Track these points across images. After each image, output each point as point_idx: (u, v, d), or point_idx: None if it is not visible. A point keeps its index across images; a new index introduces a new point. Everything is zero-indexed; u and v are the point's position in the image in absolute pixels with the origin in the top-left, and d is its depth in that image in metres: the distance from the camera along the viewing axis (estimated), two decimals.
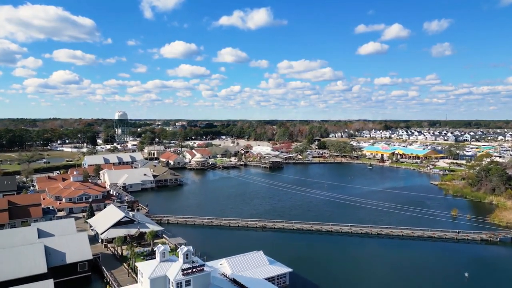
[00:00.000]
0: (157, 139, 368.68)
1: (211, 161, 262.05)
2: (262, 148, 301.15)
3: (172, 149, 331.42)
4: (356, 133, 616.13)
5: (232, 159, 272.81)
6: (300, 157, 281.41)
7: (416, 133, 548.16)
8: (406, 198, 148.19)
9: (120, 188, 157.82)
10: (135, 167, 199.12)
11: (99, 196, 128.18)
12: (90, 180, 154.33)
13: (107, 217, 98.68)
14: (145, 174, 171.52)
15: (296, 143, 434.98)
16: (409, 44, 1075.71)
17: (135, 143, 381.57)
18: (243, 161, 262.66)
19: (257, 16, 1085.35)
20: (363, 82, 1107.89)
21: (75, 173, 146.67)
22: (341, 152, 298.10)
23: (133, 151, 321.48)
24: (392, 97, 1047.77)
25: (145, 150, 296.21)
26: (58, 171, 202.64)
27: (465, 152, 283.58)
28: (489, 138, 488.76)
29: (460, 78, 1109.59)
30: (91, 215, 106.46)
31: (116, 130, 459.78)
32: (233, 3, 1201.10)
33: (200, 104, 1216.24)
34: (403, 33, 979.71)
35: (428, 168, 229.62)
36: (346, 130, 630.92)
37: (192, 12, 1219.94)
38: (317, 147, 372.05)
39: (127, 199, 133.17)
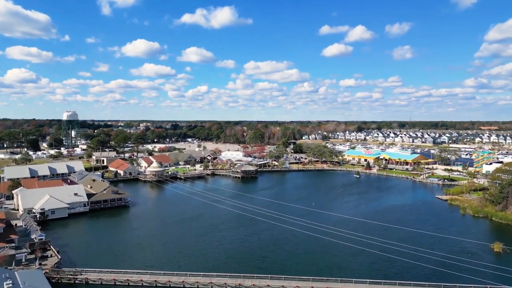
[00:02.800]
0: (111, 143, 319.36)
1: (171, 170, 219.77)
2: (232, 154, 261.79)
3: (128, 155, 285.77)
4: (330, 134, 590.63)
5: (198, 166, 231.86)
6: (276, 163, 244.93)
7: (392, 134, 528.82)
8: (420, 223, 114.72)
9: (36, 216, 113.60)
10: (71, 181, 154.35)
11: None
12: None
13: None
14: (76, 194, 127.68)
15: (269, 146, 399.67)
16: (373, 47, 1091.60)
17: (86, 147, 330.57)
18: (210, 169, 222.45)
19: (221, 15, 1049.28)
20: (329, 83, 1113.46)
21: None
22: (321, 157, 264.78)
23: (80, 158, 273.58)
24: (357, 98, 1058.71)
25: (93, 157, 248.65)
26: None
27: (461, 156, 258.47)
28: (466, 140, 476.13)
29: (420, 81, 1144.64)
30: None
31: (67, 132, 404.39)
32: (196, 1, 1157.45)
33: (166, 105, 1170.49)
34: (367, 35, 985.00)
35: (424, 176, 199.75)
36: (320, 131, 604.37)
37: (153, 9, 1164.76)
38: (292, 151, 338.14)
39: (35, 238, 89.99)
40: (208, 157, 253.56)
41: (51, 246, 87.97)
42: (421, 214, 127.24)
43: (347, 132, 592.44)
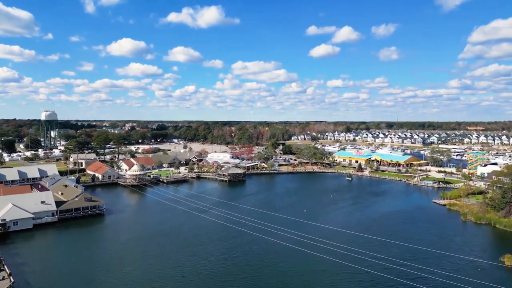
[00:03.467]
0: (92, 144, 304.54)
1: (154, 173, 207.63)
2: (219, 156, 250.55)
3: (109, 157, 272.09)
4: (319, 135, 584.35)
5: (183, 169, 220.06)
6: (265, 166, 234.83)
7: (381, 135, 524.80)
8: (420, 233, 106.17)
9: None
10: (42, 187, 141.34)
11: None
12: None
13: None
14: (43, 202, 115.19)
15: (257, 146, 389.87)
16: (359, 47, 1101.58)
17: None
18: (195, 172, 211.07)
19: (208, 14, 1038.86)
20: (317, 84, 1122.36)
21: None
22: (311, 158, 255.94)
23: (57, 160, 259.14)
24: (345, 99, 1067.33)
25: (71, 159, 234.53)
26: None
27: (453, 157, 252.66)
28: (455, 140, 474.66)
29: (406, 81, 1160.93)
30: None
31: (46, 133, 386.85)
32: (182, 0, 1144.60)
33: (154, 105, 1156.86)
34: (353, 35, 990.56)
35: (418, 179, 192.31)
36: (309, 132, 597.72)
37: (138, 8, 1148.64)
38: (281, 152, 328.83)
39: None
40: (194, 159, 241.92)
41: (5, 266, 75.96)
42: (419, 221, 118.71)
43: (336, 132, 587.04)
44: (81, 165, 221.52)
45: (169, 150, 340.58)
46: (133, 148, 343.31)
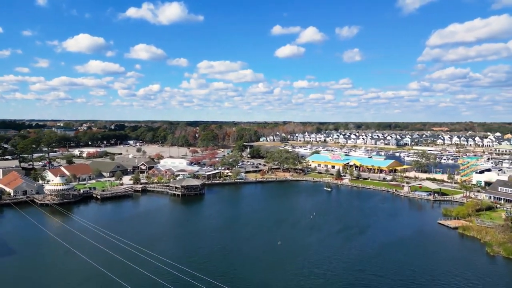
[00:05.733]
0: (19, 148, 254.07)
1: (89, 185, 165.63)
2: (174, 162, 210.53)
3: (41, 164, 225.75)
4: (289, 136, 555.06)
5: (128, 178, 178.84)
6: (230, 173, 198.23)
7: (353, 136, 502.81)
8: (442, 281, 74.06)
9: None
10: None
11: None
12: None
13: None
14: None
15: (223, 149, 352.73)
16: (324, 49, 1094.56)
17: None
18: (142, 183, 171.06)
19: (170, 10, 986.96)
20: (283, 85, 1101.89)
21: None
22: (283, 164, 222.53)
23: None
24: (311, 100, 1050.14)
25: None
26: None
27: (442, 161, 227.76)
28: (428, 141, 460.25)
29: (369, 83, 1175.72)
30: None
31: None
32: None
33: (117, 104, 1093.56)
34: (318, 36, 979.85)
35: (408, 189, 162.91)
36: (278, 133, 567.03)
37: (94, 1, 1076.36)
38: (249, 155, 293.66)
39: None
40: (142, 167, 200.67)
41: None
42: (435, 257, 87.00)
43: (306, 133, 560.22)
44: None
45: (120, 154, 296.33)
46: (77, 152, 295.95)
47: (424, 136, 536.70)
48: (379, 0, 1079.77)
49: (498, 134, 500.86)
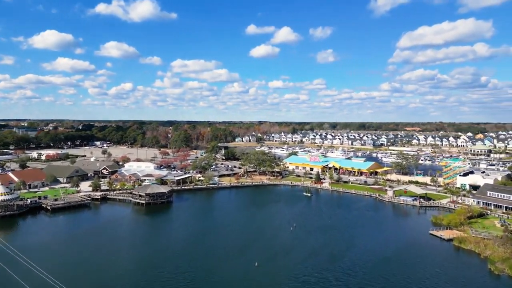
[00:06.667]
0: None
1: (41, 192, 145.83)
2: (140, 165, 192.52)
3: None
4: (265, 136, 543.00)
5: (87, 185, 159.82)
6: (202, 178, 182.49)
7: (329, 136, 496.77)
8: None
9: None
10: None
11: None
12: None
13: None
14: None
15: (196, 150, 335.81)
16: (298, 49, 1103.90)
17: None
18: (102, 190, 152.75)
19: (141, 7, 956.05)
20: (258, 84, 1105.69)
21: None
22: (259, 166, 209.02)
23: None
24: (286, 100, 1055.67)
25: None
26: None
27: (420, 162, 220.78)
28: (403, 142, 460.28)
29: (342, 84, 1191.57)
30: None
31: None
32: None
33: (88, 103, 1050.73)
34: (292, 37, 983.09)
35: (392, 194, 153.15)
36: (254, 133, 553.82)
37: None
38: (224, 157, 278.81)
39: None
40: (104, 171, 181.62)
41: None
42: (432, 276, 75.71)
43: (282, 134, 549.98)
44: None
45: (84, 156, 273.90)
46: (35, 154, 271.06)
47: (399, 136, 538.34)
48: (352, 1, 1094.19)
49: (469, 134, 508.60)
